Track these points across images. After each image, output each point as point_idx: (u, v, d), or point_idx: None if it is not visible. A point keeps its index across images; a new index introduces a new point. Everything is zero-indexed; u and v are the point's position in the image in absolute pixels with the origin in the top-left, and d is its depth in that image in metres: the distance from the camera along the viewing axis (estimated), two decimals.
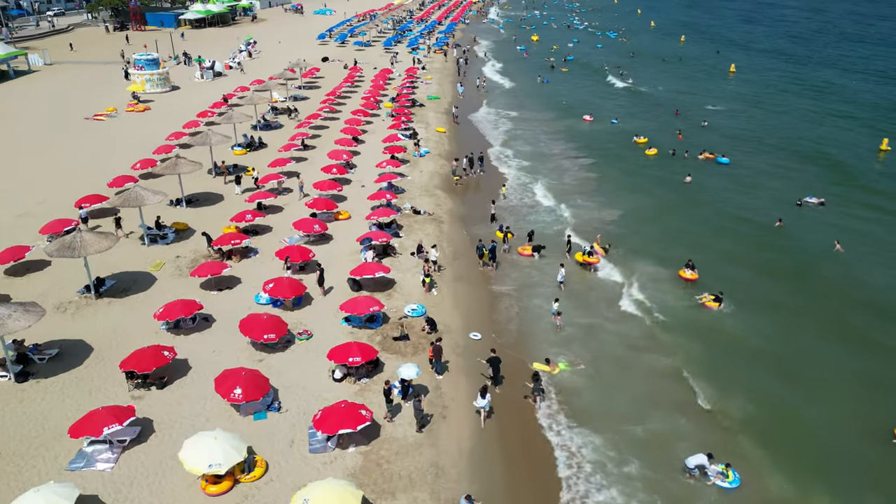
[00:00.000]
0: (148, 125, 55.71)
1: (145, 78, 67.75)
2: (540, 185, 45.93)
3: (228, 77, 77.70)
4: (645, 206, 42.12)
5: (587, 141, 56.83)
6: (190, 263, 31.86)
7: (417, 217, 38.37)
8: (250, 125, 55.11)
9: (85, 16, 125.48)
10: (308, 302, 28.65)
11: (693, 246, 36.22)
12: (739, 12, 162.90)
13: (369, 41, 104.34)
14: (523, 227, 38.68)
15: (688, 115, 64.77)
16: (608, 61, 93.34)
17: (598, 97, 73.96)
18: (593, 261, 33.83)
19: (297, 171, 45.20)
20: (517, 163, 50.79)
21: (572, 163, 51.25)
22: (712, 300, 30.64)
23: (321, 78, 76.30)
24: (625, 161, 51.59)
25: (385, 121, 58.70)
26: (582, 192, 44.79)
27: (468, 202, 42.70)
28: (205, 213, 38.14)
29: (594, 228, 38.70)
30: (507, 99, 72.39)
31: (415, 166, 47.79)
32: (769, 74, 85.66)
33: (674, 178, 47.03)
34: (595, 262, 33.77)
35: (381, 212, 35.37)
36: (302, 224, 33.49)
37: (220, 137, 42.84)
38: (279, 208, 38.84)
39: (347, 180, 43.70)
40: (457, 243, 35.87)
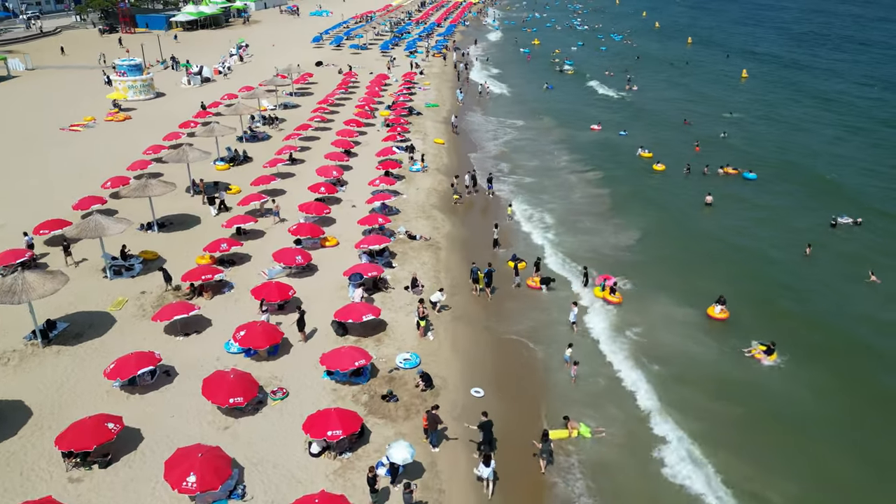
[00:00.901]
0: (126, 136, 52.15)
1: (128, 84, 64.17)
2: (547, 203, 42.35)
3: (217, 82, 74.21)
4: (663, 230, 38.53)
5: (594, 153, 53.27)
6: (156, 301, 28.28)
7: (413, 243, 34.80)
8: (236, 136, 51.57)
9: (73, 18, 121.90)
10: (286, 349, 25.08)
11: (718, 276, 32.68)
12: (742, 13, 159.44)
13: (366, 44, 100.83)
14: (529, 252, 35.15)
15: (702, 125, 61.21)
16: (614, 65, 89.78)
17: (604, 104, 70.45)
18: (615, 300, 30.09)
19: (283, 188, 41.70)
20: (521, 178, 47.24)
21: (579, 178, 47.68)
22: (763, 351, 26.44)
23: (314, 84, 72.82)
24: (637, 177, 48.02)
25: (380, 131, 55.17)
26: (592, 213, 41.21)
27: (469, 224, 39.12)
28: (178, 238, 34.57)
29: (608, 256, 35.17)
30: (509, 106, 68.84)
31: (411, 182, 44.24)
32: (783, 80, 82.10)
33: (693, 197, 43.41)
34: (617, 301, 30.04)
35: (372, 239, 31.80)
36: (283, 255, 29.92)
37: (198, 154, 39.28)
38: (260, 233, 35.26)
39: (337, 199, 40.15)
40: (455, 274, 32.28)
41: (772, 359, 26.20)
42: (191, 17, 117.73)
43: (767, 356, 26.26)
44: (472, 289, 30.78)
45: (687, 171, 48.34)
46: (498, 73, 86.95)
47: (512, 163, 50.76)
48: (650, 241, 37.01)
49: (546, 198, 43.40)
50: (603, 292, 30.39)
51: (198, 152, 39.35)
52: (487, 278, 30.39)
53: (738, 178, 47.41)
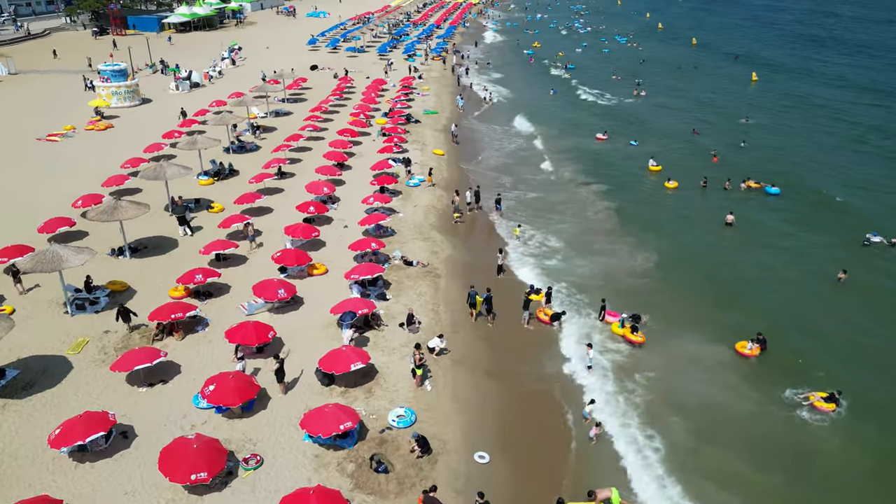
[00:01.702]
0: (106, 147, 49.08)
1: (111, 90, 61.10)
2: (554, 223, 39.26)
3: (207, 87, 71.16)
4: (682, 253, 35.42)
5: (602, 164, 50.20)
6: (120, 342, 25.21)
7: (409, 270, 31.72)
8: (222, 147, 48.51)
9: (63, 19, 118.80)
10: (263, 403, 22.01)
11: (746, 308, 29.72)
12: (744, 14, 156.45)
13: (363, 47, 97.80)
14: (537, 278, 32.12)
15: (715, 133, 58.18)
16: (620, 69, 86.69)
17: (611, 111, 67.36)
18: (637, 339, 26.92)
19: (269, 206, 38.65)
20: (525, 193, 44.15)
21: (588, 192, 44.54)
22: (824, 399, 23.19)
23: (308, 89, 69.74)
24: (651, 191, 44.97)
25: (376, 140, 52.10)
26: (603, 232, 38.12)
27: (471, 246, 36.03)
28: (153, 265, 31.49)
29: (623, 283, 32.12)
30: (511, 113, 65.69)
31: (408, 199, 41.18)
32: (794, 84, 78.98)
33: (712, 215, 40.28)
34: (640, 340, 26.90)
35: (364, 268, 28.72)
36: (264, 288, 26.84)
37: (177, 170, 36.19)
38: (241, 259, 32.19)
39: (328, 218, 37.09)
40: (456, 307, 29.18)
41: (830, 408, 23.01)
42: (184, 18, 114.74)
43: (830, 405, 23.04)
44: (470, 314, 28.26)
45: (703, 184, 45.26)
46: (500, 78, 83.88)
47: (515, 176, 47.68)
48: (669, 266, 33.92)
49: (553, 216, 40.27)
50: (623, 329, 27.28)
51: (176, 168, 36.26)
52: (487, 304, 27.91)
53: (760, 192, 44.32)
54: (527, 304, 28.01)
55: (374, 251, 31.54)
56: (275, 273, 30.34)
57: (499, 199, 40.22)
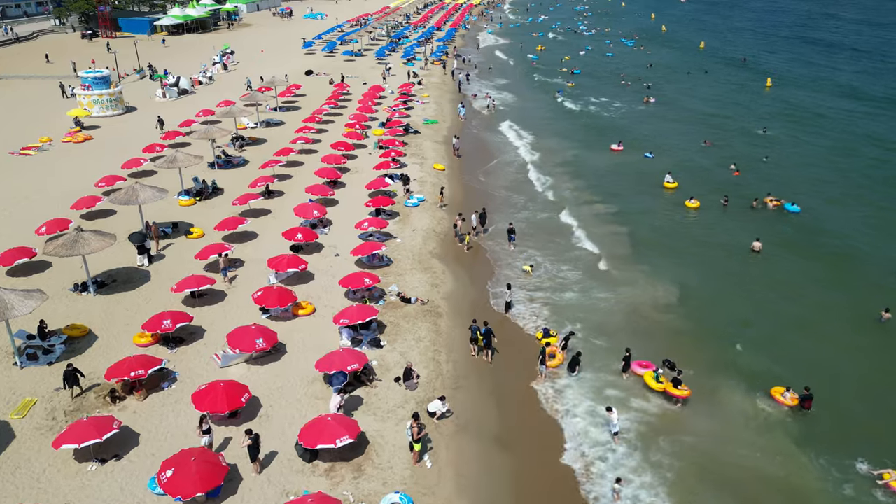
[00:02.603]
0: (83, 162, 45.82)
1: (93, 99, 57.78)
2: (566, 250, 35.88)
3: (197, 94, 67.91)
4: (707, 286, 32.04)
5: (616, 180, 46.78)
6: (72, 403, 21.88)
7: (407, 308, 28.37)
8: (207, 163, 45.23)
9: (52, 22, 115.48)
10: (233, 486, 18.67)
11: (781, 351, 26.52)
12: (747, 17, 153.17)
13: (360, 50, 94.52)
14: (549, 316, 28.84)
15: (731, 144, 54.85)
16: (628, 74, 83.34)
17: (620, 119, 64.00)
18: (682, 394, 23.31)
19: (254, 231, 35.33)
20: (534, 214, 40.78)
21: (601, 212, 41.15)
22: None
23: (301, 96, 66.45)
24: (669, 212, 41.57)
25: (372, 153, 48.78)
26: (619, 259, 34.70)
27: (476, 277, 32.64)
28: (121, 303, 28.15)
29: (646, 320, 28.84)
30: (516, 121, 62.37)
31: (406, 221, 37.85)
32: (810, 91, 75.60)
33: (737, 240, 36.90)
34: (685, 395, 23.37)
35: (355, 311, 25.33)
36: (240, 337, 23.49)
37: (150, 193, 32.88)
38: (220, 295, 28.84)
39: (318, 245, 33.76)
40: (458, 355, 25.83)
41: None
42: (176, 20, 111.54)
43: None
44: (471, 350, 25.82)
45: (725, 202, 41.93)
46: (502, 84, 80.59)
47: (522, 193, 44.33)
48: (692, 301, 30.58)
49: (565, 241, 36.91)
50: (660, 383, 23.78)
51: (151, 191, 32.93)
52: (486, 339, 25.28)
53: (780, 210, 40.94)
54: (544, 358, 24.56)
55: (367, 288, 28.21)
56: (255, 313, 27.06)
57: (511, 229, 35.93)
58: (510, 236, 35.76)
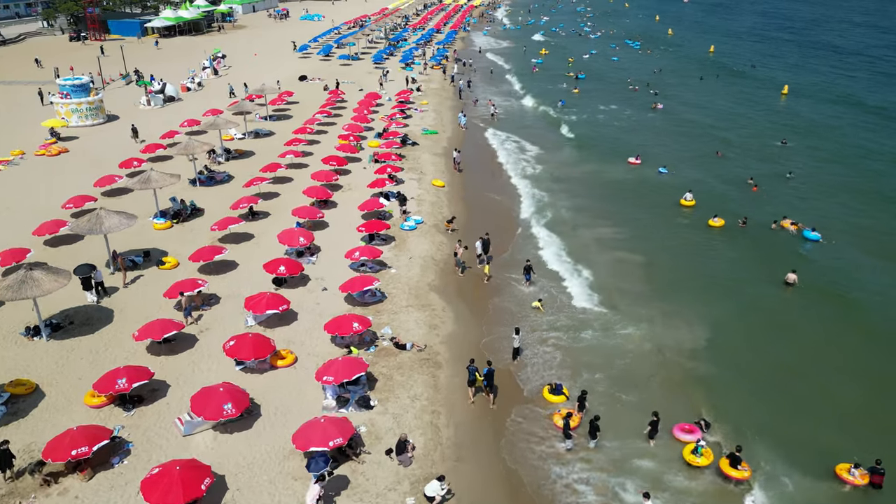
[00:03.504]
0: (54, 178, 42.52)
1: (71, 108, 54.43)
2: (579, 280, 32.51)
3: (184, 101, 64.57)
4: (738, 327, 28.56)
5: (630, 198, 43.22)
6: (4, 485, 18.51)
7: (401, 356, 25.00)
8: (187, 179, 41.92)
9: (40, 23, 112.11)
10: None
11: (834, 409, 23.18)
12: (756, 17, 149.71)
13: (357, 54, 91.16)
14: (559, 367, 25.49)
15: (749, 157, 51.46)
16: (636, 80, 79.87)
17: (629, 128, 60.57)
18: (742, 475, 19.66)
19: (234, 261, 31.94)
20: (541, 240, 37.28)
21: (617, 236, 37.62)
22: None
23: (294, 104, 63.07)
24: (688, 234, 38.16)
25: (367, 168, 45.42)
26: (639, 294, 31.20)
27: (480, 315, 29.18)
28: (76, 351, 24.78)
29: (672, 367, 25.50)
30: (520, 131, 59.01)
31: (402, 247, 34.48)
32: (829, 98, 72.18)
33: (765, 268, 33.52)
34: (745, 476, 19.69)
35: (341, 365, 21.90)
36: (205, 402, 20.07)
37: (117, 221, 29.47)
38: (190, 341, 25.46)
39: (304, 278, 30.38)
40: (461, 415, 22.43)
41: None
42: (168, 22, 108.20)
43: None
44: (469, 395, 23.02)
45: (743, 223, 38.56)
46: (505, 90, 77.27)
47: (530, 213, 40.86)
48: (723, 345, 27.15)
49: (578, 270, 33.38)
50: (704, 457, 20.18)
51: (116, 219, 29.52)
52: (487, 379, 22.77)
53: (797, 236, 37.14)
54: (567, 429, 21.05)
55: (357, 334, 24.83)
56: (229, 363, 23.70)
57: (529, 267, 31.77)
58: (527, 275, 31.64)
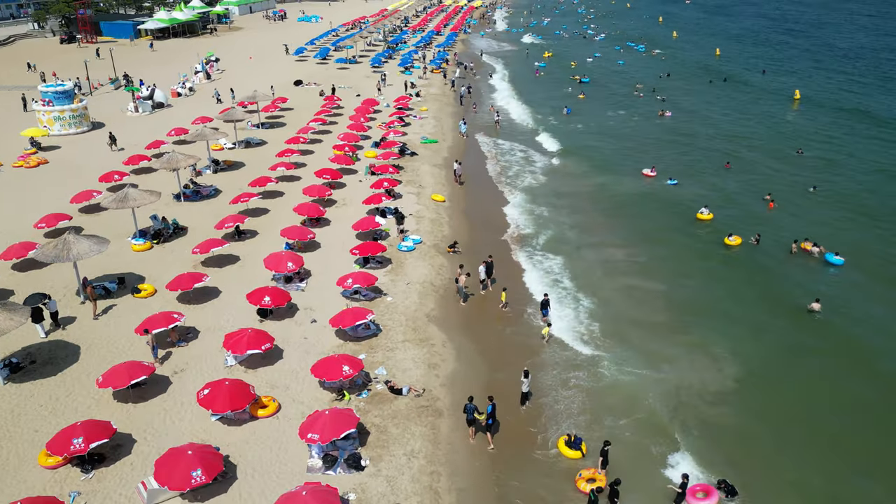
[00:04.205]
0: (30, 193, 40.11)
1: (54, 115, 51.96)
2: (590, 310, 29.93)
3: (174, 108, 62.10)
4: (765, 362, 25.95)
5: (643, 214, 40.67)
6: None
7: (397, 402, 22.48)
8: (172, 195, 39.49)
9: (31, 25, 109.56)
10: None
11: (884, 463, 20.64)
12: (761, 19, 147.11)
13: (355, 57, 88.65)
14: (571, 412, 23.01)
15: (762, 169, 48.92)
16: (643, 85, 77.30)
17: (637, 137, 58.00)
18: None
19: (217, 288, 29.41)
20: (547, 264, 34.64)
21: (629, 259, 35.08)
22: None
23: (288, 110, 60.63)
24: (706, 255, 35.60)
25: (363, 181, 42.96)
26: (652, 327, 28.56)
27: (484, 350, 26.68)
28: (34, 397, 22.28)
29: (696, 412, 23.01)
30: (525, 139, 56.61)
31: (399, 270, 31.97)
32: (842, 104, 69.58)
33: (786, 294, 30.93)
34: None
35: (330, 421, 19.37)
36: (171, 467, 17.53)
37: (86, 246, 26.98)
38: (162, 385, 22.94)
39: (291, 307, 27.86)
40: (465, 478, 19.88)
41: None
42: (162, 24, 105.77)
43: None
44: (469, 434, 21.51)
45: (756, 241, 36.04)
46: (507, 95, 74.77)
47: (537, 232, 38.20)
48: (751, 386, 24.56)
49: (588, 299, 30.72)
50: None
51: (86, 244, 27.02)
52: (490, 418, 20.90)
53: (819, 260, 34.44)
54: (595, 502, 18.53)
55: (348, 378, 22.30)
56: (203, 413, 21.21)
57: (546, 301, 28.42)
58: (544, 310, 28.22)
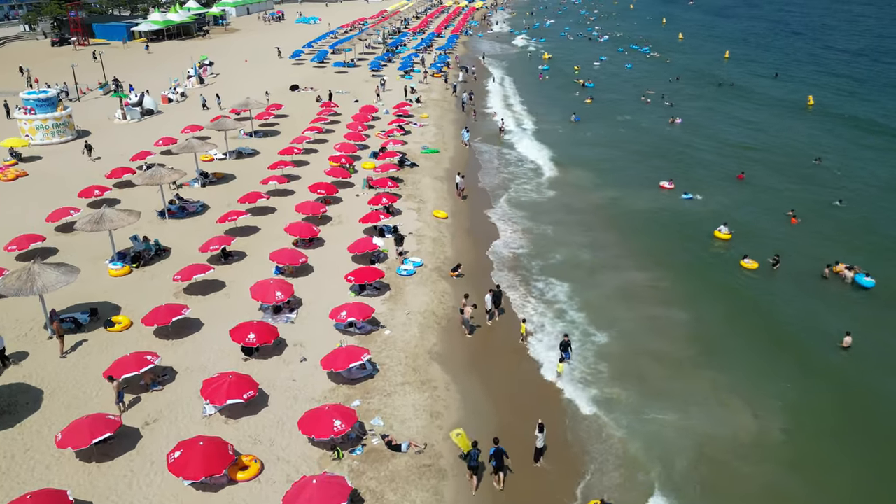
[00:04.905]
0: (4, 210, 37.53)
1: (36, 124, 49.43)
2: (603, 344, 27.35)
3: (165, 114, 59.58)
4: (801, 407, 23.49)
5: (656, 230, 38.30)
6: None
7: (395, 461, 19.92)
8: (156, 212, 37.01)
9: (22, 27, 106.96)
10: None
11: None
12: (767, 21, 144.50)
13: (353, 60, 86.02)
14: (608, 479, 20.49)
15: (781, 180, 46.36)
16: (651, 89, 74.71)
17: (649, 146, 55.39)
18: None
19: (198, 321, 26.88)
20: (554, 291, 31.91)
21: (644, 282, 32.56)
22: None
23: (283, 117, 58.08)
24: (725, 278, 33.07)
25: (360, 196, 40.45)
26: (674, 364, 26.09)
27: (492, 394, 24.10)
28: None
29: (728, 472, 20.46)
30: (530, 149, 53.97)
31: (398, 298, 29.44)
32: (859, 109, 67.03)
33: (819, 332, 28.23)
34: None
35: (317, 490, 16.88)
36: None
37: (54, 277, 24.45)
38: (131, 439, 20.40)
39: (280, 343, 25.34)
40: None
41: None
42: (156, 26, 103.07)
43: None
44: (468, 477, 19.56)
45: (775, 263, 33.43)
46: (511, 101, 72.16)
47: (546, 251, 35.72)
48: (791, 439, 22.09)
49: (602, 332, 28.02)
50: None
51: (53, 275, 24.49)
52: (496, 460, 19.47)
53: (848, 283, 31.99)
54: None
55: (340, 435, 19.75)
56: (175, 478, 18.67)
57: (567, 343, 25.56)
58: (565, 352, 25.30)
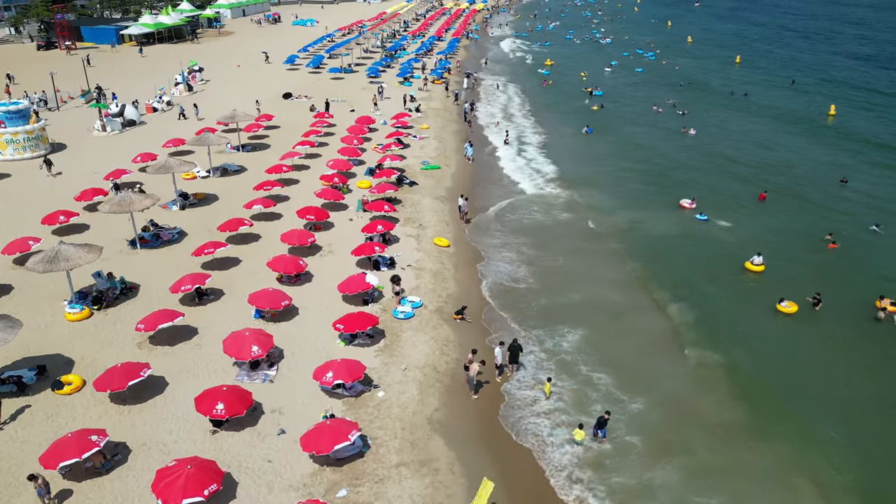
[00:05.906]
0: None
1: (6, 138, 45.87)
2: (625, 402, 23.76)
3: (148, 125, 55.97)
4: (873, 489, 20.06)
5: (683, 258, 34.74)
6: None
7: None
8: (126, 241, 33.40)
9: (7, 30, 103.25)
10: None
11: None
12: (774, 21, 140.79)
13: (350, 66, 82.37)
14: None
15: (809, 200, 42.77)
16: (659, 96, 71.13)
17: (665, 160, 51.77)
18: None
19: (162, 379, 23.27)
20: (568, 337, 28.36)
21: (668, 325, 29.06)
22: None
23: (274, 128, 54.43)
24: (764, 323, 29.49)
25: (354, 219, 36.90)
26: (712, 429, 22.58)
27: (505, 476, 20.43)
28: None
29: None
30: (540, 165, 50.41)
31: (393, 349, 25.82)
32: (882, 120, 63.46)
33: (878, 385, 24.86)
34: None
35: None
36: None
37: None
38: None
39: (256, 410, 21.72)
40: None
41: None
42: (146, 29, 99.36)
43: None
44: None
45: (815, 302, 29.77)
46: (515, 110, 68.49)
47: (552, 289, 32.01)
48: None
49: (626, 391, 24.52)
50: None
51: (4, 324, 20.93)
52: None
53: None
54: None
55: None
56: None
57: (604, 420, 21.57)
58: (598, 431, 21.55)
